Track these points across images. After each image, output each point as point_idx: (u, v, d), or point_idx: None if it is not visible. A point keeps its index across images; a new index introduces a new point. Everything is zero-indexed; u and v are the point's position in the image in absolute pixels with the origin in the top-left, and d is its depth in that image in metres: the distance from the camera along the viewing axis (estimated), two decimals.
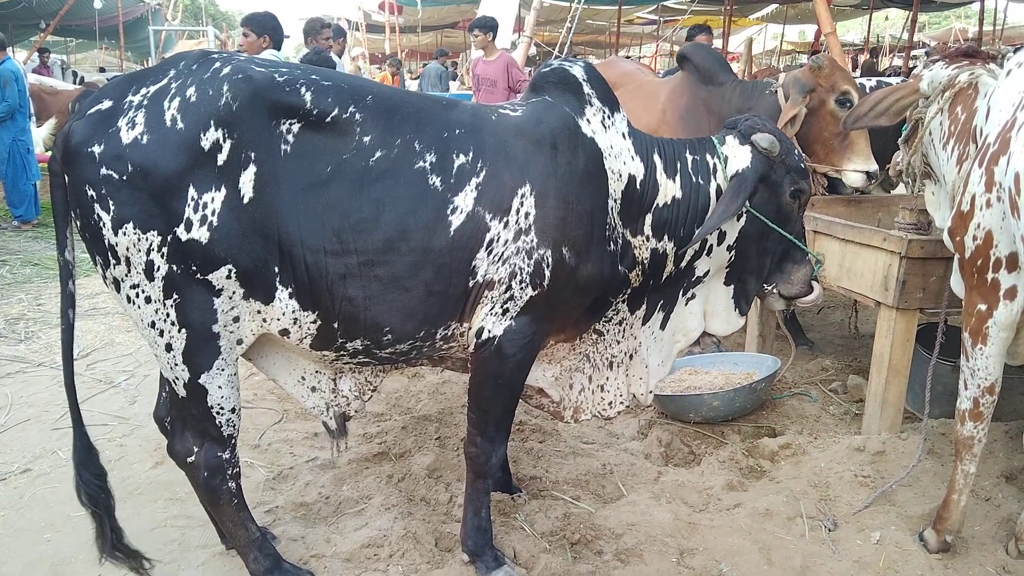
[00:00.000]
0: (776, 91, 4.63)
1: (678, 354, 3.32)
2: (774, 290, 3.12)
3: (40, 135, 11.13)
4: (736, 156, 2.93)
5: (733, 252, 3.01)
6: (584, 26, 22.15)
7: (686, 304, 3.14)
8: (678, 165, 2.93)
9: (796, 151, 3.02)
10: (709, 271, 3.06)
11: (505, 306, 2.71)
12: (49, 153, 10.35)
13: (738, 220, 2.93)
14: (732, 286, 3.13)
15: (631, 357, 3.20)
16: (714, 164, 2.95)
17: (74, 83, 17.38)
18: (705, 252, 3.00)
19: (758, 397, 4.31)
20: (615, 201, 2.82)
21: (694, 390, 4.35)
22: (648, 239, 2.91)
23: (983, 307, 2.84)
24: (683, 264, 3.02)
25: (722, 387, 4.29)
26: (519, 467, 3.79)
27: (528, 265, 2.67)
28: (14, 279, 7.17)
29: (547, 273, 2.69)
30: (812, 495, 3.50)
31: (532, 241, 2.66)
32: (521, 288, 2.69)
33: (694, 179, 2.93)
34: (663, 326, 3.16)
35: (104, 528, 2.70)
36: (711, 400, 4.18)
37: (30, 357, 5.23)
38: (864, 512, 3.34)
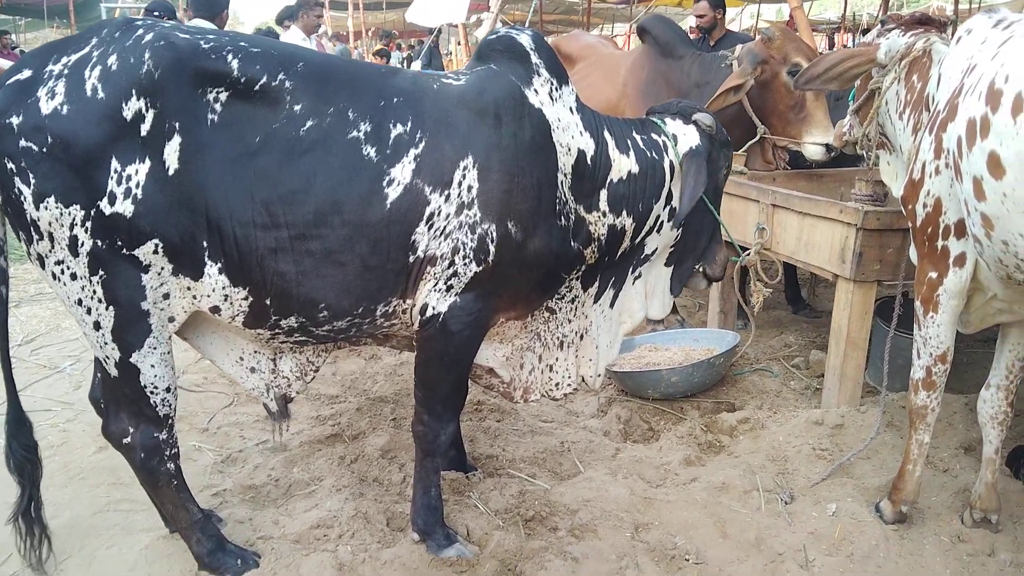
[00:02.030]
0: (732, 63, 4.58)
1: (622, 335, 3.32)
2: (700, 269, 3.25)
3: None
4: (685, 135, 2.99)
5: (679, 230, 3.08)
6: (556, 3, 22.00)
7: (633, 283, 3.16)
8: (628, 142, 2.93)
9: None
10: (657, 249, 3.11)
11: (449, 282, 2.63)
12: None
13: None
14: (671, 266, 3.21)
15: (582, 337, 3.17)
16: (663, 142, 2.99)
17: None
18: (656, 229, 3.03)
19: (717, 372, 4.27)
20: (564, 175, 2.76)
21: (653, 366, 4.30)
22: (605, 215, 2.89)
23: (934, 275, 2.81)
24: (636, 240, 3.02)
25: (681, 363, 4.25)
26: (475, 446, 3.72)
27: (471, 240, 2.60)
28: None
29: (492, 248, 2.62)
30: (770, 469, 3.47)
31: (475, 215, 2.59)
32: (465, 264, 2.61)
33: (648, 154, 2.94)
34: (612, 304, 3.16)
35: (24, 497, 2.65)
36: (669, 376, 4.13)
37: None
38: (821, 485, 3.32)
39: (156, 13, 6.45)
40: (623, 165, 2.89)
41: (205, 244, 2.41)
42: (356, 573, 2.77)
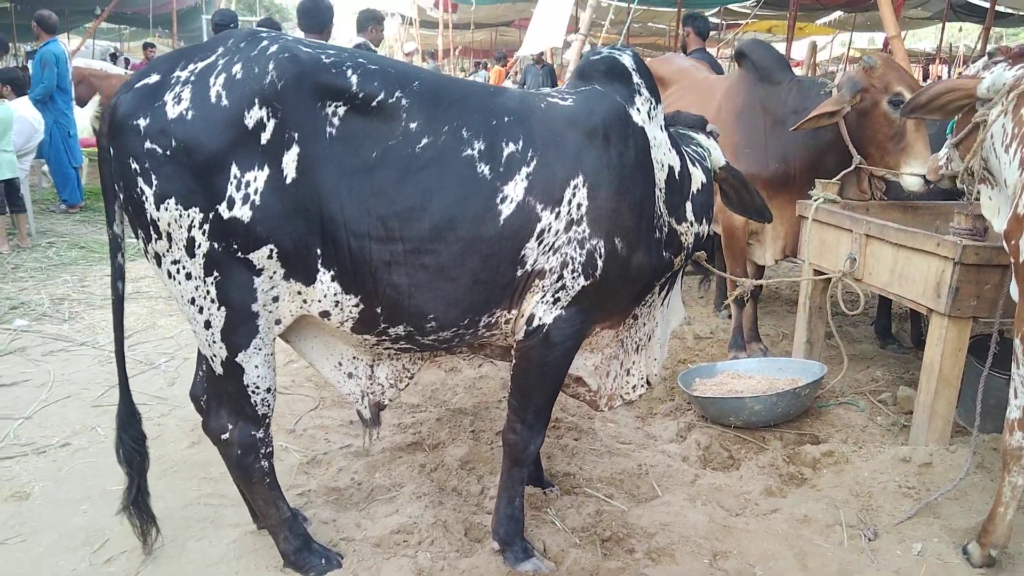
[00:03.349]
0: (832, 90, 4.52)
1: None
2: None
3: (86, 115, 11.29)
4: (714, 149, 3.23)
5: None
6: (644, 28, 22.01)
7: (678, 281, 3.34)
8: (693, 156, 3.11)
9: None
10: None
11: (557, 295, 2.70)
12: (94, 137, 10.51)
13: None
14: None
15: (650, 339, 3.27)
16: (702, 153, 3.19)
17: (125, 69, 17.83)
18: None
19: (802, 403, 4.20)
20: (660, 190, 2.85)
21: (736, 394, 4.26)
22: (692, 224, 3.02)
23: None
24: None
25: (765, 392, 4.19)
26: (553, 463, 3.75)
27: (580, 255, 2.67)
28: (60, 261, 7.33)
29: (599, 263, 2.69)
30: (853, 504, 3.40)
31: (584, 231, 2.66)
32: (573, 278, 2.68)
33: (704, 164, 3.14)
34: (666, 303, 3.29)
35: (132, 487, 2.77)
36: (753, 404, 4.08)
37: (73, 336, 5.33)
38: (907, 523, 3.24)
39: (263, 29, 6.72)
40: (697, 177, 3.06)
41: (319, 252, 2.50)
42: None
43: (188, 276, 2.48)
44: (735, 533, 3.21)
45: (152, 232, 2.44)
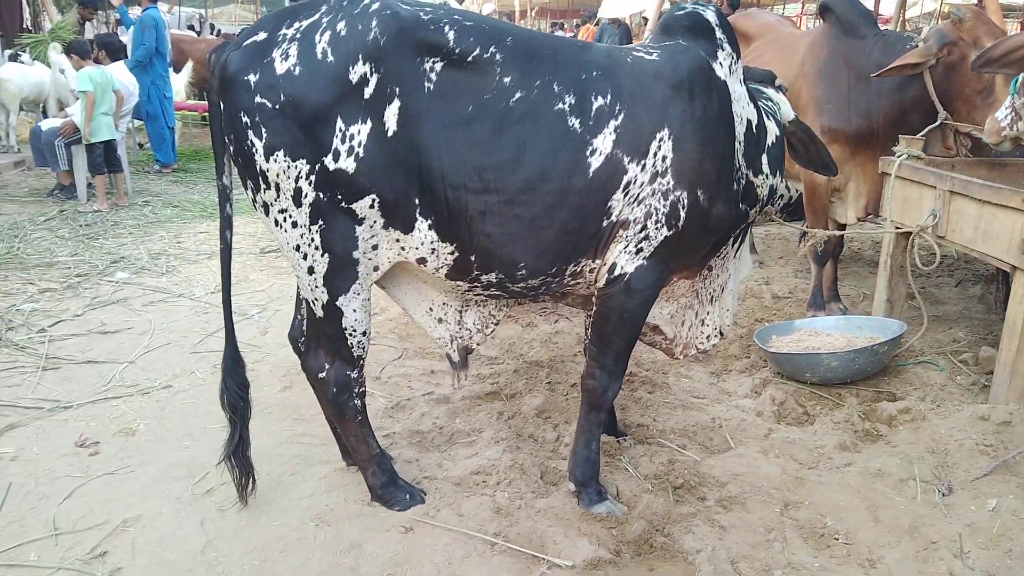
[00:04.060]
0: (918, 45, 4.42)
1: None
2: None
3: (180, 80, 11.70)
4: (783, 103, 3.27)
5: None
6: None
7: (748, 233, 3.40)
8: (766, 109, 3.15)
9: None
10: None
11: (640, 245, 2.79)
12: (188, 101, 10.93)
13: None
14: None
15: (723, 290, 3.34)
16: (773, 108, 3.23)
17: (211, 35, 18.32)
18: None
19: (879, 361, 4.18)
20: (739, 143, 2.91)
21: (812, 350, 4.27)
22: (768, 176, 3.09)
23: None
24: None
25: (843, 349, 4.19)
26: (627, 414, 3.84)
27: (664, 206, 2.75)
28: (156, 218, 7.71)
29: (682, 214, 2.78)
30: (928, 460, 3.40)
31: (669, 183, 2.74)
32: (656, 228, 2.77)
33: (776, 118, 3.19)
34: (738, 255, 3.36)
35: (235, 434, 2.92)
36: (829, 360, 4.09)
37: (171, 288, 5.64)
38: (982, 480, 3.22)
39: None
40: (771, 130, 3.12)
41: (417, 202, 2.63)
42: (512, 517, 2.96)
43: (294, 224, 2.62)
44: (807, 485, 3.26)
45: (261, 183, 2.59)
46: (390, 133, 2.54)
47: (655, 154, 2.71)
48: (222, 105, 2.57)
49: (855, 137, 4.79)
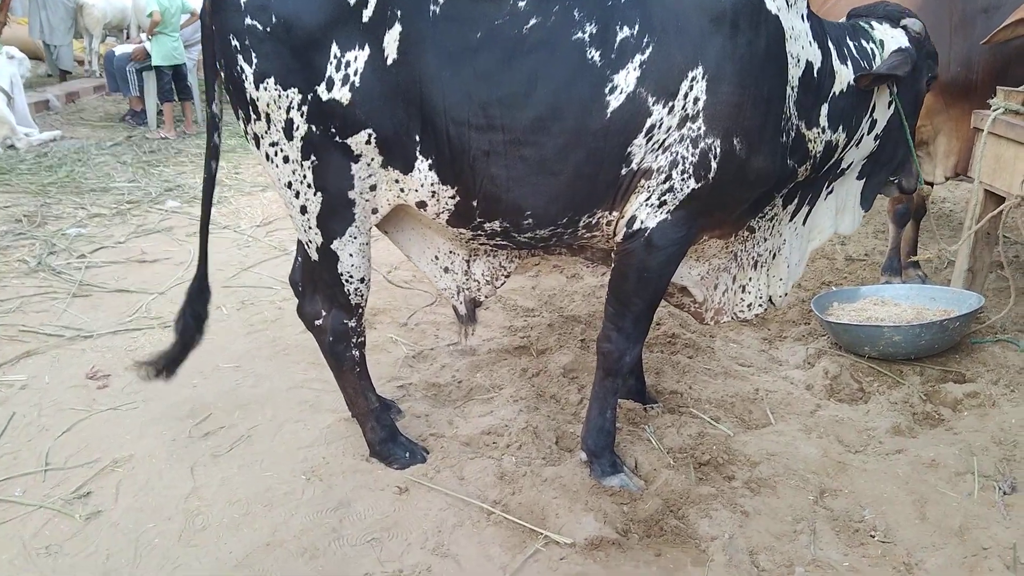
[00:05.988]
0: None
1: (809, 254, 3.20)
2: (894, 181, 3.10)
3: None
4: (892, 38, 2.79)
5: (878, 142, 2.89)
6: None
7: (825, 199, 2.98)
8: (846, 51, 2.71)
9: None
10: (852, 163, 2.93)
11: (663, 197, 2.49)
12: None
13: (889, 107, 2.80)
14: (863, 179, 3.04)
15: (774, 256, 3.01)
16: (871, 49, 2.77)
17: None
18: (855, 143, 2.84)
19: (949, 337, 3.78)
20: (792, 89, 2.54)
21: (876, 321, 3.89)
22: (824, 131, 2.69)
23: None
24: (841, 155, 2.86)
25: (909, 322, 3.80)
26: (661, 379, 3.57)
27: (692, 155, 2.43)
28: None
29: (713, 165, 2.45)
30: (992, 452, 3.04)
31: (699, 129, 2.41)
32: (682, 179, 2.46)
33: (862, 64, 2.71)
34: (805, 222, 3.01)
35: (172, 352, 2.74)
36: (892, 334, 3.71)
37: (218, 220, 5.55)
38: None
39: None
40: (843, 77, 2.69)
41: (417, 139, 2.39)
42: (515, 484, 2.76)
43: (285, 159, 2.43)
44: (849, 471, 2.96)
45: (251, 112, 2.41)
46: (389, 61, 2.29)
47: (686, 95, 2.37)
48: (213, 28, 2.37)
49: (950, 87, 4.29)
